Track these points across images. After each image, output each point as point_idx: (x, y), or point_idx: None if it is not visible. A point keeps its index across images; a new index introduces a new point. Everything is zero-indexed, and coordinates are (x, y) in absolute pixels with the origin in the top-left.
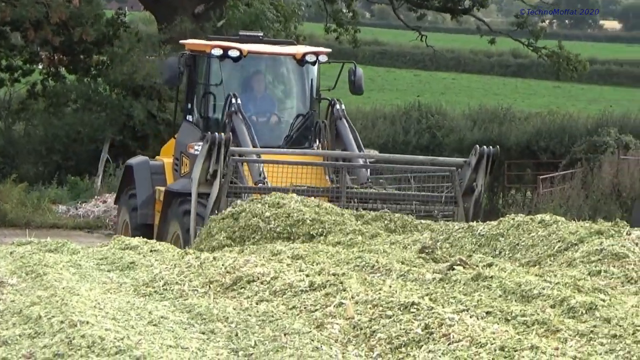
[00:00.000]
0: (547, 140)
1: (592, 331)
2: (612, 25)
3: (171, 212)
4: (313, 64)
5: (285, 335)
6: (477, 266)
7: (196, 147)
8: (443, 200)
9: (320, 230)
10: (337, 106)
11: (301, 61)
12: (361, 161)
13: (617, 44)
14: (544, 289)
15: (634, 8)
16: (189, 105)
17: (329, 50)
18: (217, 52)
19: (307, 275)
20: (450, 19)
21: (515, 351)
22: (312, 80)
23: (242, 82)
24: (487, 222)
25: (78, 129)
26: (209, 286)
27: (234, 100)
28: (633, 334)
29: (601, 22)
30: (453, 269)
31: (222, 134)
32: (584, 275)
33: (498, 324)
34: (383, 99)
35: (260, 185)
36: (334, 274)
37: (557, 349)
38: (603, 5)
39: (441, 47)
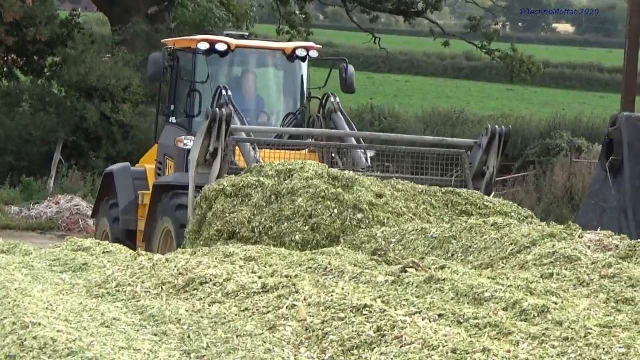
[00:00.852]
0: None
1: (544, 334)
2: (565, 28)
3: (161, 208)
4: (303, 59)
5: (237, 337)
6: (429, 269)
7: (185, 141)
8: (452, 183)
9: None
10: (332, 99)
11: (291, 56)
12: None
13: (570, 47)
14: (496, 291)
15: (586, 11)
16: (172, 107)
17: (320, 46)
18: (204, 46)
19: (260, 277)
20: (403, 21)
21: (467, 354)
22: (302, 76)
23: (229, 78)
24: (440, 224)
25: (31, 130)
26: (162, 288)
27: (224, 92)
28: (585, 337)
29: (554, 25)
30: (406, 272)
31: (223, 109)
32: (536, 278)
33: (450, 326)
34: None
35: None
36: (286, 276)
37: (509, 351)
38: (556, 8)
39: (394, 50)
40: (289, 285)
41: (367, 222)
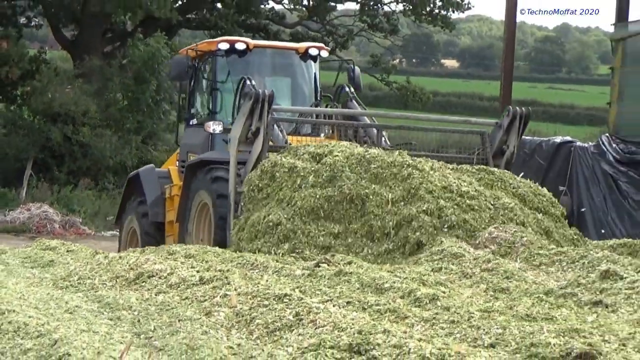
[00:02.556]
0: None
1: (434, 317)
2: (451, 64)
3: (196, 183)
4: (315, 59)
5: (179, 321)
6: (339, 264)
7: (214, 127)
8: (475, 161)
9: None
10: (347, 89)
11: (304, 55)
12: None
13: (455, 79)
14: (394, 282)
15: (469, 50)
16: (192, 111)
17: (329, 48)
18: (224, 46)
19: (198, 271)
20: None
21: (370, 334)
22: (315, 74)
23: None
24: None
25: (6, 149)
26: (116, 280)
27: (248, 82)
28: (468, 319)
29: (442, 61)
30: (319, 266)
31: (265, 90)
32: (428, 271)
33: (356, 312)
34: None
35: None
36: (220, 270)
37: (405, 332)
38: (444, 47)
39: None
40: (222, 277)
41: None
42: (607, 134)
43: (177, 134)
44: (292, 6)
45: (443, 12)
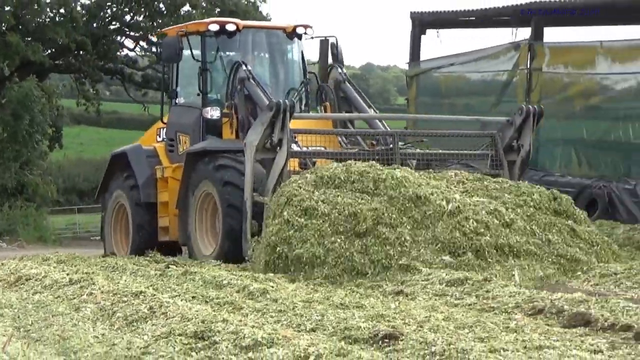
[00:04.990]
0: None
1: (265, 308)
2: None
3: (197, 173)
4: (300, 37)
5: (52, 316)
6: (185, 265)
7: (212, 112)
8: (488, 163)
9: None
10: (339, 70)
11: (291, 34)
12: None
13: None
14: (231, 280)
15: None
16: (177, 90)
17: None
18: (214, 27)
19: (67, 274)
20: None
21: (212, 323)
22: (301, 52)
23: (238, 56)
24: None
25: None
26: None
27: (243, 67)
28: (292, 309)
29: None
30: (169, 267)
31: (286, 100)
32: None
33: (200, 304)
34: None
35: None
36: (86, 273)
37: (241, 320)
38: None
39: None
40: (87, 279)
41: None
42: None
43: (162, 111)
44: (143, 53)
45: None
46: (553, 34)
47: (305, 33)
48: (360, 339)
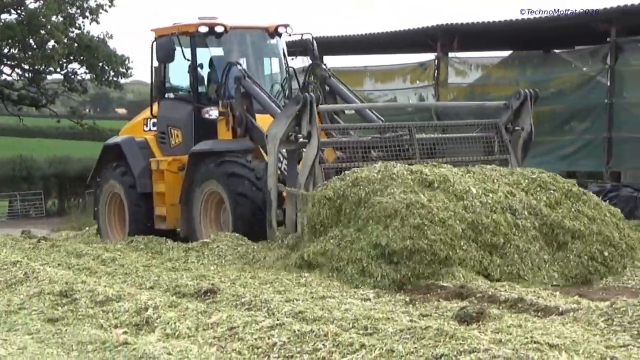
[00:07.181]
0: None
1: (114, 271)
2: (122, 111)
3: (203, 170)
4: (281, 35)
5: None
6: (53, 240)
7: (210, 112)
8: (495, 149)
9: None
10: (323, 67)
11: (273, 33)
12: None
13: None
14: (88, 251)
15: (134, 102)
16: (166, 85)
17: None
18: (204, 29)
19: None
20: (35, 109)
21: (73, 284)
22: (283, 49)
23: (226, 55)
24: None
25: None
26: None
27: (238, 67)
28: (135, 271)
29: (116, 109)
30: (40, 242)
31: (312, 93)
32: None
33: (64, 270)
34: None
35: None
36: None
37: (95, 281)
38: (117, 100)
39: (33, 125)
40: None
41: None
42: None
43: (151, 105)
44: (17, 77)
45: (115, 79)
46: (330, 61)
47: (285, 32)
48: (187, 294)
